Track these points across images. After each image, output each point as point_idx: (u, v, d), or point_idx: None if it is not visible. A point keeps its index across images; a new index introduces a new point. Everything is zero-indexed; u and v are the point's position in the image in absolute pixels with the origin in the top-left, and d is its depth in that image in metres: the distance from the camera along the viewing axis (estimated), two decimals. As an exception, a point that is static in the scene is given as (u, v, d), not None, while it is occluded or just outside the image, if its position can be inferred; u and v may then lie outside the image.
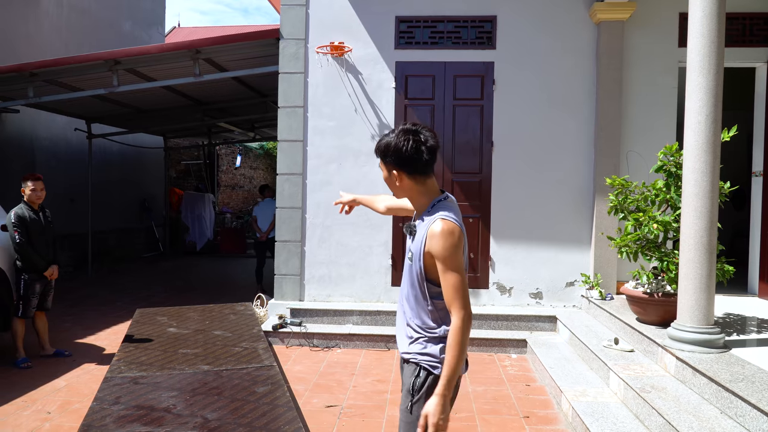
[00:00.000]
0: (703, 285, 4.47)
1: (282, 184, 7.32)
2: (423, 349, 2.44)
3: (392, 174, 2.43)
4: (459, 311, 2.26)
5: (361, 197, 3.09)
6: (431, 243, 2.31)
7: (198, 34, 24.32)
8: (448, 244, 2.27)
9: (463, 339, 2.26)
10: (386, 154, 2.42)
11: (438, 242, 2.28)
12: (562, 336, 6.53)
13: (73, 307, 8.64)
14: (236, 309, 7.68)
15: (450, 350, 2.25)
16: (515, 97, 7.13)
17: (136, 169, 15.06)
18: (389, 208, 2.98)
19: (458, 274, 2.28)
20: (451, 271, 2.28)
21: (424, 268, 2.39)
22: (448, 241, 2.27)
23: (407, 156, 2.36)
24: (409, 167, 2.39)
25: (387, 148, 2.41)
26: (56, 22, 11.99)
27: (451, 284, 2.28)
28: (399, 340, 2.60)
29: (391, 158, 2.41)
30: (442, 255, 2.28)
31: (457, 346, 2.25)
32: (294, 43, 7.25)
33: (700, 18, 4.50)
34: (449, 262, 2.28)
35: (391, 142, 2.40)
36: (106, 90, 8.41)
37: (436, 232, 2.29)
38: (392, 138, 2.40)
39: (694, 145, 4.52)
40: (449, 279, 2.28)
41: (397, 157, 2.38)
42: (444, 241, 2.27)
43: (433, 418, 2.21)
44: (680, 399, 4.04)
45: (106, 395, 4.60)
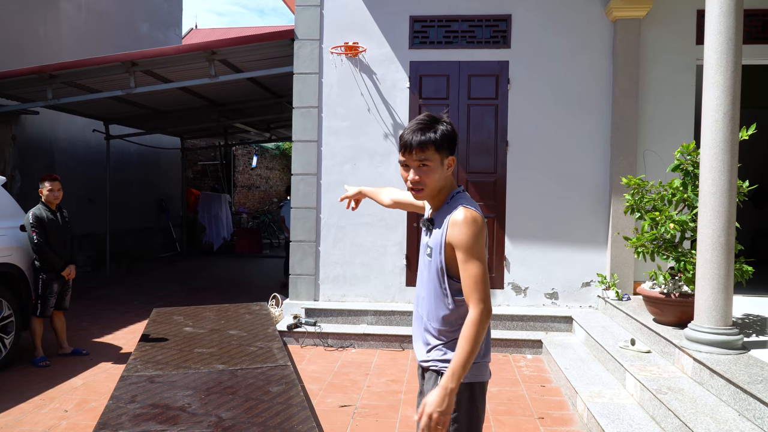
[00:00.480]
0: (721, 285, 4.42)
1: (296, 185, 7.34)
2: (443, 355, 2.33)
3: (444, 163, 2.29)
4: (478, 304, 2.15)
5: (366, 189, 2.99)
6: (453, 231, 2.21)
7: (215, 35, 24.47)
8: (471, 233, 2.17)
9: (478, 334, 2.13)
10: (448, 139, 2.27)
11: (460, 230, 2.19)
12: (577, 337, 6.48)
13: (90, 306, 8.73)
14: (251, 309, 7.72)
15: (462, 342, 2.13)
16: (530, 97, 7.09)
17: (153, 169, 15.19)
18: (396, 202, 2.89)
19: (480, 264, 2.17)
20: (473, 261, 2.17)
21: (445, 262, 2.28)
22: (471, 229, 2.18)
23: (457, 139, 2.32)
24: (454, 151, 2.32)
25: (445, 135, 2.26)
26: (75, 25, 12.13)
27: (471, 275, 2.17)
28: (416, 347, 2.48)
29: (451, 143, 2.29)
30: (464, 243, 2.18)
31: (470, 340, 2.12)
32: (308, 44, 7.26)
33: (717, 15, 4.45)
34: (471, 252, 2.17)
35: (448, 127, 2.28)
36: (124, 91, 8.50)
37: (459, 219, 2.20)
38: (442, 124, 2.28)
39: (711, 143, 4.46)
40: (470, 269, 2.17)
41: (452, 142, 2.29)
42: (467, 228, 2.18)
43: (429, 408, 2.09)
44: (697, 401, 3.99)
45: (122, 394, 4.65)
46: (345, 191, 3.03)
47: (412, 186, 2.30)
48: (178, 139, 15.67)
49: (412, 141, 2.25)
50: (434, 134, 2.24)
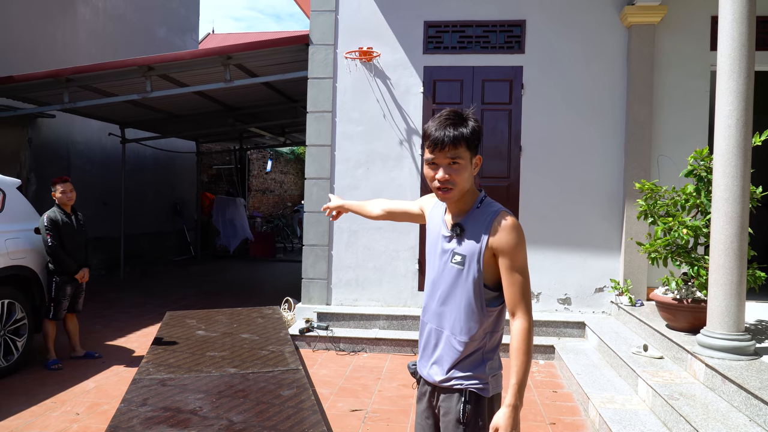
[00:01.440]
0: (734, 291, 4.38)
1: (310, 189, 7.37)
2: (466, 372, 2.21)
3: (473, 162, 2.17)
4: (526, 314, 2.11)
5: (349, 203, 2.86)
6: (500, 237, 2.11)
7: (231, 40, 24.65)
8: (519, 239, 2.11)
9: (531, 343, 2.11)
10: (477, 137, 2.16)
11: (509, 235, 2.10)
12: (590, 342, 6.45)
13: (104, 309, 8.80)
14: (264, 312, 7.76)
15: (519, 355, 2.09)
16: (544, 102, 7.08)
17: (168, 173, 15.32)
18: (389, 212, 2.73)
19: (526, 273, 2.13)
20: (519, 270, 2.11)
21: (483, 269, 2.16)
22: (520, 236, 2.11)
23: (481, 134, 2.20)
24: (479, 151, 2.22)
25: (475, 131, 2.14)
26: (93, 29, 12.28)
27: (518, 283, 2.11)
28: (429, 366, 2.29)
29: (478, 142, 2.17)
30: (512, 250, 2.10)
31: (526, 352, 2.09)
32: (323, 49, 7.31)
33: (730, 21, 4.43)
34: (518, 260, 2.11)
35: (475, 125, 2.15)
36: (140, 95, 8.58)
37: (507, 225, 2.11)
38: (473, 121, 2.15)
39: (724, 149, 4.44)
40: (516, 278, 2.10)
41: (480, 140, 2.19)
42: (517, 234, 2.11)
43: (502, 425, 2.06)
44: (709, 406, 3.96)
45: (134, 397, 4.69)
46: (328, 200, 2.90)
47: (441, 185, 2.16)
48: (193, 143, 15.79)
49: (444, 137, 2.11)
50: (466, 130, 2.12)
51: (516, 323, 2.12)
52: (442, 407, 2.26)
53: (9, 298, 5.79)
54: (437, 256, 2.30)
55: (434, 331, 2.30)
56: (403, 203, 2.70)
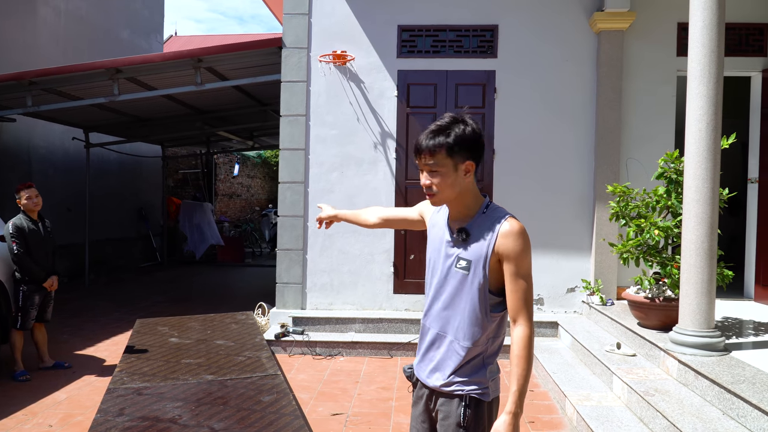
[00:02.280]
0: (705, 289, 4.52)
1: (284, 193, 7.34)
2: (467, 377, 2.22)
3: (463, 167, 2.16)
4: (528, 321, 2.12)
5: (343, 213, 2.81)
6: (506, 242, 2.12)
7: (195, 42, 24.37)
8: (525, 246, 2.13)
9: (532, 351, 2.13)
10: (463, 142, 2.13)
11: (515, 242, 2.11)
12: (563, 341, 6.56)
13: (70, 318, 8.60)
14: (237, 318, 7.69)
15: (520, 362, 2.10)
16: (516, 106, 7.18)
17: (133, 178, 15.06)
18: (385, 219, 2.72)
19: (530, 280, 2.14)
20: (524, 277, 2.12)
21: (488, 275, 2.17)
22: (526, 242, 2.13)
23: (481, 143, 2.17)
24: (479, 156, 2.19)
25: (459, 138, 2.12)
26: (54, 31, 12.01)
27: (522, 290, 2.12)
28: (429, 371, 2.30)
29: (469, 147, 2.15)
30: (517, 256, 2.11)
31: (528, 359, 2.10)
32: (296, 52, 7.29)
33: (700, 28, 4.56)
34: (523, 266, 2.13)
35: (467, 129, 2.14)
36: (107, 99, 8.42)
37: (513, 231, 2.13)
38: (470, 124, 2.16)
39: (695, 152, 4.57)
40: (520, 285, 2.12)
41: (475, 144, 2.16)
42: (523, 241, 2.12)
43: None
44: (683, 401, 4.07)
45: (109, 407, 4.60)
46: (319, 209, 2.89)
47: (425, 190, 2.22)
48: (158, 147, 15.53)
49: (421, 145, 2.17)
50: (445, 138, 2.12)
51: (517, 330, 2.13)
52: (441, 411, 2.26)
53: (-24, 307, 5.62)
54: (441, 260, 2.30)
55: (437, 335, 2.30)
56: (400, 210, 2.71)
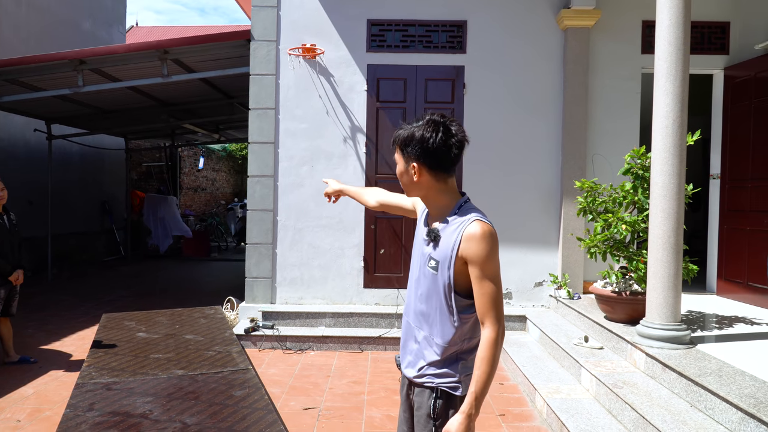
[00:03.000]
0: (671, 283, 4.63)
1: (253, 186, 7.28)
2: (439, 370, 2.24)
3: (410, 168, 2.20)
4: (494, 324, 2.09)
5: (348, 189, 2.89)
6: (468, 246, 2.10)
7: (157, 33, 23.94)
8: (488, 248, 2.09)
9: (496, 354, 2.09)
10: (408, 143, 2.18)
11: (477, 246, 2.09)
12: (532, 335, 6.66)
13: (35, 312, 8.42)
14: (206, 312, 7.61)
15: (482, 365, 2.07)
16: (485, 101, 7.24)
17: (96, 171, 14.75)
18: (382, 204, 2.74)
19: (496, 282, 2.11)
20: (489, 279, 2.09)
21: (454, 275, 2.16)
22: (489, 245, 2.09)
23: (433, 148, 2.14)
24: (433, 161, 2.16)
25: (411, 138, 2.17)
26: (15, 21, 11.67)
27: (487, 293, 2.09)
28: (407, 362, 2.36)
29: (414, 149, 2.16)
30: (480, 260, 2.09)
31: (490, 362, 2.07)
32: (265, 45, 7.22)
33: (667, 26, 4.66)
34: (488, 269, 2.10)
35: (415, 133, 2.16)
36: (71, 90, 8.22)
37: (476, 234, 2.10)
38: (417, 128, 2.17)
39: (662, 148, 4.67)
40: (486, 288, 2.09)
41: (421, 148, 2.15)
42: (485, 244, 2.08)
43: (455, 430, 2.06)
44: (651, 394, 4.17)
45: (79, 402, 4.53)
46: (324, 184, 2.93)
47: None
48: (122, 140, 15.24)
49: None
50: (401, 133, 2.21)
51: (484, 332, 2.11)
52: (415, 401, 2.32)
53: (-64, 303, 5.47)
54: (418, 257, 2.35)
55: (414, 329, 2.34)
56: (398, 196, 2.71)
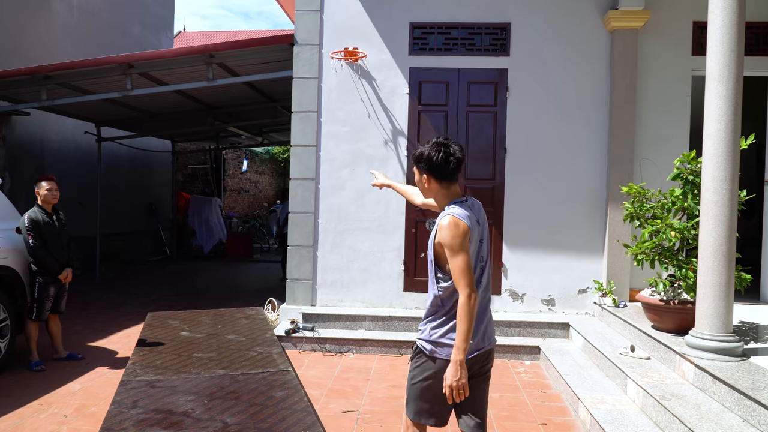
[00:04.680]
0: (722, 293, 4.47)
1: (295, 189, 7.33)
2: (422, 334, 2.94)
3: (423, 177, 2.93)
4: (465, 289, 2.68)
5: (395, 184, 3.61)
6: (440, 234, 2.76)
7: (203, 38, 24.43)
8: (452, 234, 2.72)
9: (469, 312, 2.67)
10: (420, 160, 2.91)
11: (445, 233, 2.73)
12: (575, 343, 6.53)
13: (82, 310, 8.65)
14: (247, 313, 7.69)
15: (459, 323, 2.69)
16: (529, 104, 7.14)
17: (143, 172, 15.10)
18: (425, 204, 3.34)
19: (462, 259, 2.69)
20: (456, 256, 2.70)
21: (434, 256, 2.86)
22: (453, 231, 2.72)
23: (436, 164, 2.85)
24: (437, 173, 2.87)
25: (421, 156, 2.89)
26: (67, 25, 12.05)
27: (457, 266, 2.70)
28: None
29: (423, 164, 2.90)
30: (447, 243, 2.73)
31: (464, 319, 2.67)
32: (308, 49, 7.27)
33: (720, 27, 4.51)
34: (453, 249, 2.71)
35: (425, 152, 2.87)
36: (120, 93, 8.44)
37: (443, 224, 2.76)
38: (426, 148, 2.87)
39: (713, 153, 4.52)
40: (456, 262, 2.70)
41: (428, 164, 2.87)
42: (448, 230, 2.72)
43: (448, 381, 2.73)
44: (701, 407, 4.03)
45: (123, 399, 4.61)
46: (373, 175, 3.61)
47: None
48: (168, 142, 15.58)
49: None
50: (415, 151, 2.95)
51: (459, 297, 2.71)
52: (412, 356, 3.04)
53: (-9, 298, 5.66)
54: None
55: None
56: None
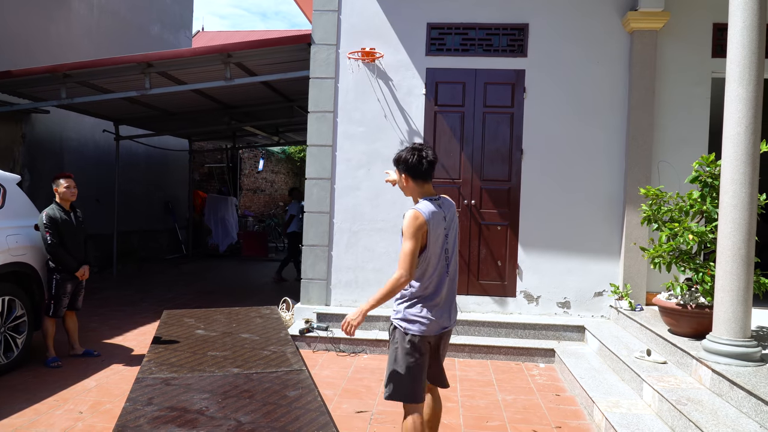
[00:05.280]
0: (741, 297, 4.42)
1: (310, 189, 7.34)
2: (397, 312, 3.46)
3: (402, 177, 3.48)
4: (400, 270, 3.22)
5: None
6: (403, 223, 3.30)
7: (221, 37, 24.56)
8: (409, 224, 3.25)
9: (391, 286, 3.22)
10: (399, 162, 3.47)
11: (405, 222, 3.28)
12: (591, 346, 6.48)
13: (99, 307, 8.73)
14: (262, 312, 7.70)
15: (381, 290, 3.25)
16: (546, 105, 7.10)
17: (160, 171, 15.21)
18: None
19: (410, 245, 3.22)
20: (407, 241, 3.24)
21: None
22: (410, 222, 3.25)
23: (412, 165, 3.40)
24: (412, 172, 3.42)
25: (399, 158, 3.46)
26: (87, 24, 12.17)
27: (404, 250, 3.24)
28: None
29: (402, 166, 3.45)
30: (404, 230, 3.27)
31: (386, 289, 3.23)
32: (325, 49, 7.28)
33: (740, 29, 4.46)
34: (407, 236, 3.25)
35: (402, 155, 3.44)
36: (138, 92, 8.51)
37: (405, 216, 3.31)
38: (404, 152, 3.44)
39: (732, 156, 4.47)
40: (404, 246, 3.25)
41: (405, 165, 3.42)
42: (407, 222, 3.27)
43: (347, 318, 3.37)
44: (718, 412, 3.98)
45: (138, 396, 4.63)
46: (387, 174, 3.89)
47: None
48: (185, 141, 15.70)
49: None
50: (395, 156, 3.51)
51: (394, 273, 3.24)
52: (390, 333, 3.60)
53: (9, 294, 5.72)
54: None
55: None
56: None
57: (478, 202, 7.15)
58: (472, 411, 4.98)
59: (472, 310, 7.19)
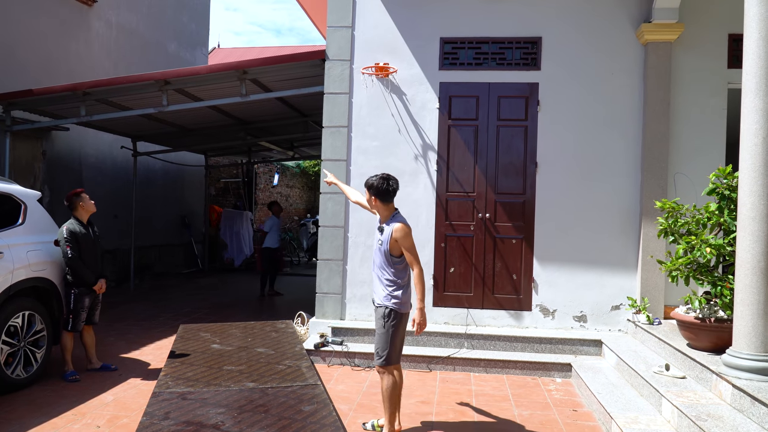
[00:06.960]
0: (761, 311, 4.35)
1: (325, 203, 7.37)
2: (385, 299, 4.49)
3: (371, 198, 4.55)
4: (417, 265, 4.42)
5: (341, 183, 5.35)
6: (398, 236, 4.38)
7: (237, 54, 24.77)
8: (405, 234, 4.40)
9: (423, 281, 4.39)
10: (370, 187, 4.51)
11: (400, 234, 4.38)
12: (608, 361, 6.41)
13: (116, 321, 8.78)
14: (277, 327, 7.73)
15: (417, 288, 4.40)
16: (560, 118, 7.09)
17: (177, 186, 15.35)
18: (356, 202, 5.14)
19: (413, 249, 4.43)
20: (411, 249, 4.42)
21: (389, 249, 4.45)
22: (406, 233, 4.41)
23: (381, 190, 4.48)
24: (380, 196, 4.51)
25: (372, 185, 4.50)
26: (106, 43, 12.35)
27: (410, 254, 4.42)
28: (376, 294, 4.62)
29: (372, 190, 4.50)
30: (405, 243, 4.40)
31: (421, 282, 4.39)
32: (339, 64, 7.34)
33: (756, 40, 4.44)
34: (408, 245, 4.42)
35: (374, 183, 4.48)
36: (156, 109, 8.61)
37: (398, 228, 4.40)
38: (375, 180, 4.48)
39: (750, 167, 4.43)
40: (409, 252, 4.42)
41: (375, 190, 4.49)
42: (403, 233, 4.39)
43: (418, 319, 4.47)
44: (739, 428, 3.92)
45: (155, 410, 4.66)
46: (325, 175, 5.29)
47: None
48: (202, 157, 15.83)
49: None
50: (366, 181, 4.56)
51: (414, 271, 4.43)
52: (377, 312, 4.61)
53: (29, 309, 5.79)
54: (376, 241, 4.63)
55: (376, 277, 4.62)
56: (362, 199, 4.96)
57: (492, 215, 7.13)
58: (488, 427, 4.94)
59: (487, 324, 7.15)
